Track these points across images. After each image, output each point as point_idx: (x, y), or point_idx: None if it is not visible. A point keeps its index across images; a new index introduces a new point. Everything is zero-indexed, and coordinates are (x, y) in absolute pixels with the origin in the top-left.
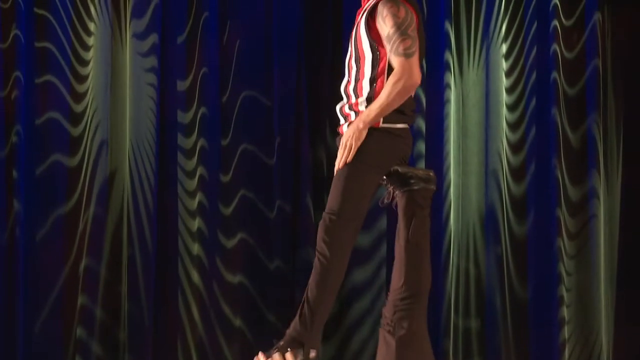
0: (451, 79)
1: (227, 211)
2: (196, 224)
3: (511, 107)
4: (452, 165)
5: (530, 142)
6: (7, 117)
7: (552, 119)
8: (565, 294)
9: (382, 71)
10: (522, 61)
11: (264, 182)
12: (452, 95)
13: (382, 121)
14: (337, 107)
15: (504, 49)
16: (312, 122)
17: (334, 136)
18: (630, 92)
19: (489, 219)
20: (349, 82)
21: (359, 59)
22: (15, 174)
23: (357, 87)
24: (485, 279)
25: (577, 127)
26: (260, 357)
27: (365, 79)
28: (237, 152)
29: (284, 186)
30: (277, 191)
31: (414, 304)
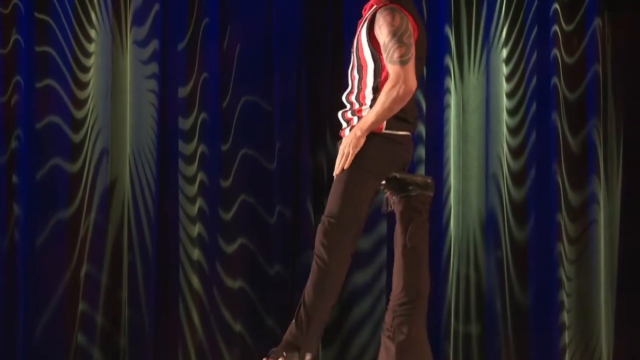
0: (451, 83)
1: (228, 216)
2: (196, 230)
3: (511, 112)
4: (453, 170)
5: (530, 147)
6: (7, 122)
7: (553, 124)
8: (565, 299)
9: (384, 80)
10: (522, 66)
11: (264, 187)
12: (452, 100)
13: (384, 127)
14: (339, 112)
15: (505, 53)
16: (312, 127)
17: (334, 141)
18: (630, 97)
19: (490, 224)
20: (351, 91)
21: (361, 69)
22: (15, 178)
23: (359, 95)
24: (485, 284)
25: (577, 132)
26: None
27: (368, 88)
28: (238, 157)
29: (284, 191)
30: (277, 196)
31: (413, 309)
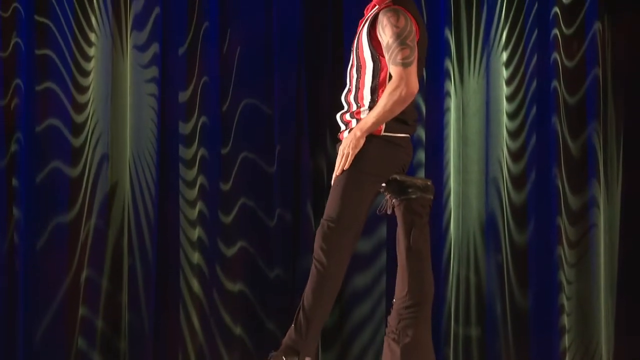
0: (451, 87)
1: (228, 220)
2: (196, 233)
3: (511, 116)
4: (452, 173)
5: (530, 150)
6: (7, 125)
7: (553, 128)
8: (565, 303)
9: (383, 81)
10: (522, 69)
11: (264, 191)
12: (452, 103)
13: (383, 129)
14: (338, 114)
15: (505, 57)
16: (312, 130)
17: (334, 144)
18: (630, 101)
19: (490, 227)
20: (349, 90)
21: (360, 68)
22: (15, 181)
23: (357, 96)
24: (485, 287)
25: (577, 135)
26: None
27: (366, 88)
28: (238, 161)
29: (285, 194)
30: (277, 199)
31: (418, 312)
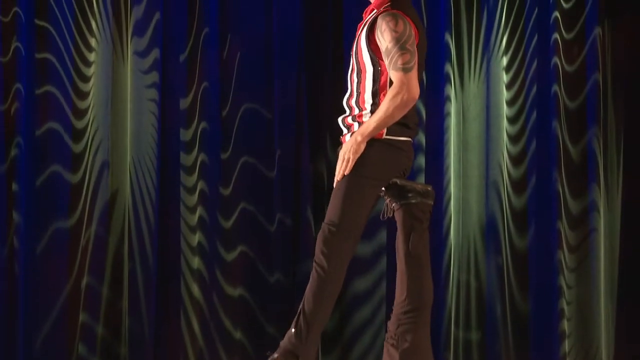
0: (452, 91)
1: (228, 224)
2: (197, 238)
3: (512, 120)
4: (453, 178)
5: (530, 154)
6: (7, 129)
7: (553, 132)
8: (565, 307)
9: (384, 85)
10: (522, 74)
11: (265, 195)
12: (453, 107)
13: (385, 133)
14: (339, 118)
15: (505, 61)
16: (312, 134)
17: (335, 149)
18: (630, 106)
19: (490, 231)
20: (351, 95)
21: (360, 72)
22: (15, 186)
23: (359, 100)
24: (485, 291)
25: (577, 140)
26: None
27: (367, 93)
28: (238, 165)
29: (285, 199)
30: (277, 204)
31: (417, 317)
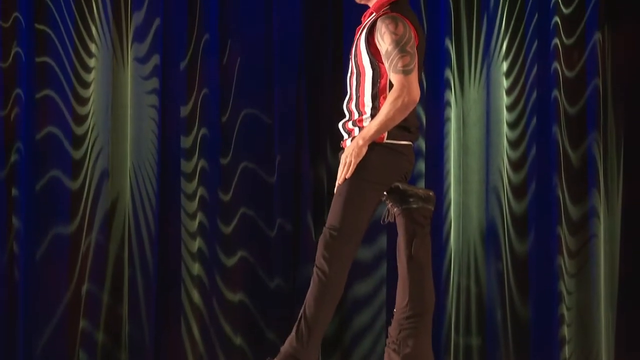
0: (452, 96)
1: (228, 230)
2: (197, 244)
3: (512, 125)
4: (453, 183)
5: (531, 160)
6: (7, 135)
7: (553, 138)
8: (565, 313)
9: (384, 88)
10: (522, 79)
11: (265, 200)
12: (453, 113)
13: (386, 137)
14: (340, 123)
15: (505, 67)
16: (312, 139)
17: (335, 154)
18: (630, 111)
19: (490, 237)
20: (350, 99)
21: (359, 76)
22: (15, 191)
23: (359, 103)
24: (486, 297)
25: (577, 145)
26: None
27: (366, 96)
28: (238, 171)
29: (285, 204)
30: (277, 209)
31: (419, 322)
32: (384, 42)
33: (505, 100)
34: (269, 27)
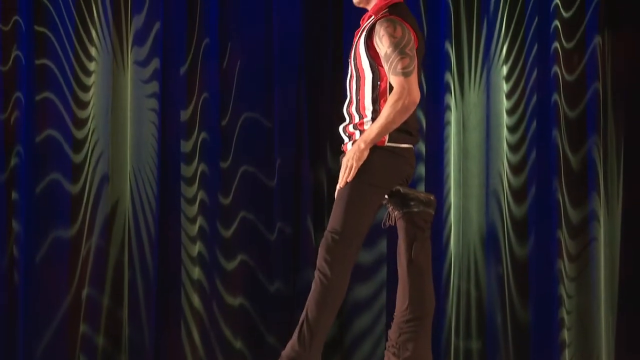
0: (452, 100)
1: (228, 233)
2: (197, 248)
3: (512, 129)
4: (453, 187)
5: (531, 164)
6: (7, 139)
7: (553, 141)
8: (565, 317)
9: (384, 91)
10: (522, 83)
11: (265, 204)
12: (453, 117)
13: (387, 140)
14: (340, 127)
15: (505, 70)
16: (312, 143)
17: (335, 157)
18: (630, 115)
19: (490, 240)
20: (350, 102)
21: (359, 79)
22: (15, 194)
23: (359, 107)
24: (486, 300)
25: (577, 149)
26: None
27: (366, 99)
28: (238, 175)
29: (285, 208)
30: (277, 213)
31: (419, 326)
32: (383, 44)
33: (505, 104)
34: (268, 29)
